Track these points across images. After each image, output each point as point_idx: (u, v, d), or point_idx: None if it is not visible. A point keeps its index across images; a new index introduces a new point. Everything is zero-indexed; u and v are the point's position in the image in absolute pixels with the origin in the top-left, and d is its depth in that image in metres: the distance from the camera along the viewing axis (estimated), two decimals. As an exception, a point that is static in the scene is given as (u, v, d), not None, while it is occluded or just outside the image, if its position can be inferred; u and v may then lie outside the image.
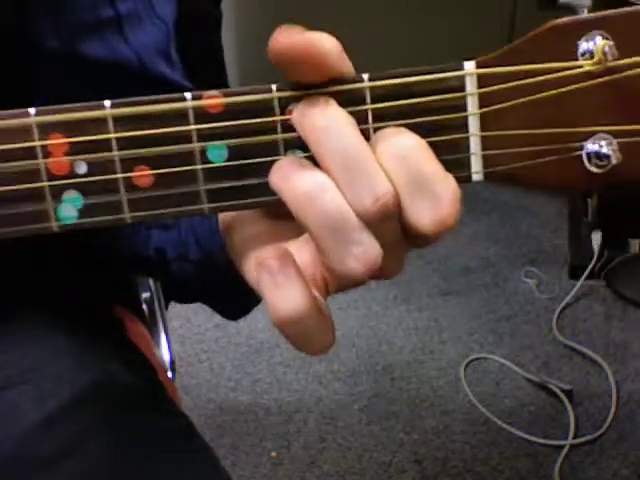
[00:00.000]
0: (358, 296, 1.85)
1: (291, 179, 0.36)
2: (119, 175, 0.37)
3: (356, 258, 0.35)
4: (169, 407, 0.64)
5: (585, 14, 0.37)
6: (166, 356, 0.86)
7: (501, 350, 1.70)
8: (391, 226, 0.36)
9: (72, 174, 0.37)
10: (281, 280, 0.35)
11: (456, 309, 1.83)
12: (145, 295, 0.84)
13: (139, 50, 0.54)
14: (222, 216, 0.45)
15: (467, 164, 0.38)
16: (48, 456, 0.54)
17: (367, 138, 0.37)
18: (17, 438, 0.54)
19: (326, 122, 0.36)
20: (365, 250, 0.35)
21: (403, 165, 0.35)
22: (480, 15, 2.15)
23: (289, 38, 0.35)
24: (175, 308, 1.72)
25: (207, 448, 0.62)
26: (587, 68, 0.37)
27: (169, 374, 0.83)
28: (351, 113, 0.37)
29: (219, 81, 0.66)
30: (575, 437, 1.49)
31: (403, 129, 0.37)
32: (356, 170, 0.35)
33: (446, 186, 0.36)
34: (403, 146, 0.36)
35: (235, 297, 0.52)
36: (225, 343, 1.75)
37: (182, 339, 1.75)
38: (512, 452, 1.48)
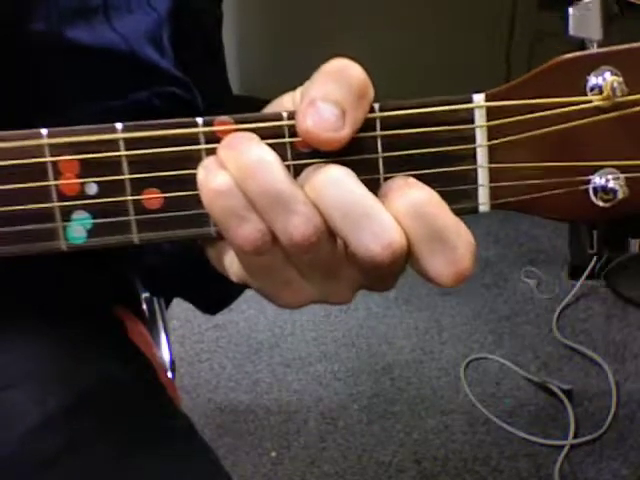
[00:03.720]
0: (358, 296, 1.83)
1: (239, 148, 0.36)
2: (129, 197, 0.38)
3: (294, 228, 0.35)
4: (169, 407, 0.64)
5: (595, 49, 0.37)
6: (166, 356, 0.86)
7: (501, 350, 1.70)
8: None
9: (82, 195, 0.38)
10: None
11: (456, 309, 1.83)
12: (145, 295, 0.84)
13: (127, 36, 0.54)
14: None
15: (474, 195, 0.39)
16: (48, 456, 0.53)
17: (376, 167, 0.38)
18: (17, 438, 0.54)
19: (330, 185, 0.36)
20: (299, 223, 0.35)
21: (419, 222, 0.36)
22: (480, 15, 2.15)
23: (312, 135, 0.36)
24: (175, 308, 1.72)
25: (207, 448, 0.62)
26: (596, 103, 0.37)
27: (169, 374, 0.83)
28: (361, 140, 0.37)
29: (220, 81, 0.66)
30: (575, 437, 1.49)
31: (412, 181, 0.37)
32: (361, 218, 0.35)
33: (462, 239, 0.36)
34: (417, 202, 0.36)
35: (214, 290, 0.51)
36: (225, 343, 1.75)
37: (182, 339, 1.75)
38: (512, 452, 1.48)
